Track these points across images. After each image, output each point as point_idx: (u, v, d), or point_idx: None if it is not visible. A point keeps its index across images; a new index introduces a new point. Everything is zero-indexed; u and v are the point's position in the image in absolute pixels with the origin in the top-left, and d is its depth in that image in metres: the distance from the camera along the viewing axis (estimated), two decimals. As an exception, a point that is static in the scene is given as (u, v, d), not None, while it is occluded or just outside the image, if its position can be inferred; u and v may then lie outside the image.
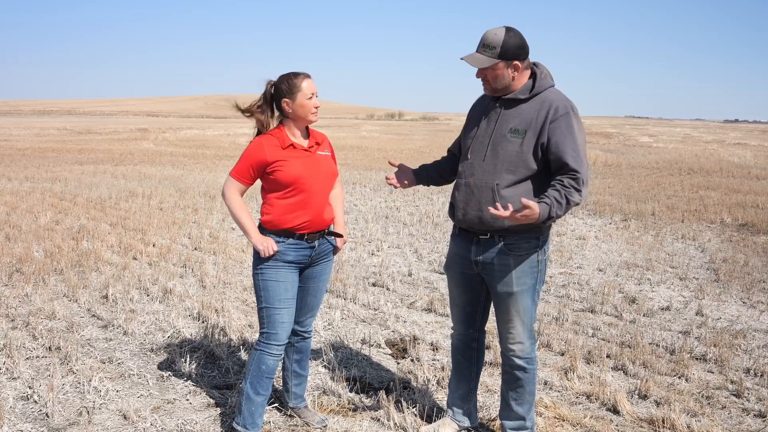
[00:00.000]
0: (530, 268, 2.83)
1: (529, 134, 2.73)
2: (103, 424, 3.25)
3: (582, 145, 2.71)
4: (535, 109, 2.75)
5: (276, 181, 2.93)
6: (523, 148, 2.73)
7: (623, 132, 48.05)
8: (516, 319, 2.87)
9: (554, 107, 2.72)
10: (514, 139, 2.75)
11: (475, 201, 2.81)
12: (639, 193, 12.43)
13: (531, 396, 3.00)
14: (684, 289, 5.97)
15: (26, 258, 6.38)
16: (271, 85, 2.98)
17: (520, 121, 2.76)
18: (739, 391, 3.74)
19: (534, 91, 2.78)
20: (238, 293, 5.54)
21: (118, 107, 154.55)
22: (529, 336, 2.91)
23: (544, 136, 2.71)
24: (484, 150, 2.82)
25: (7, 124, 46.34)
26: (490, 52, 2.72)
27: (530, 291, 2.86)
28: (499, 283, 2.85)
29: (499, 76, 2.75)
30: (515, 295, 2.83)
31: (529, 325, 2.90)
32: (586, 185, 2.66)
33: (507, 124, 2.78)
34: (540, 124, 2.72)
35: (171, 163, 17.63)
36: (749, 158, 22.80)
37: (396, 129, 50.49)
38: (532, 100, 2.78)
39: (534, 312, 2.92)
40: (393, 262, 6.81)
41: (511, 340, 2.91)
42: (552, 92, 2.79)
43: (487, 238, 2.83)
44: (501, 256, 2.81)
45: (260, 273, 2.98)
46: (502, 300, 2.87)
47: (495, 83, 2.78)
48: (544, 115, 2.72)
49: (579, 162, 2.66)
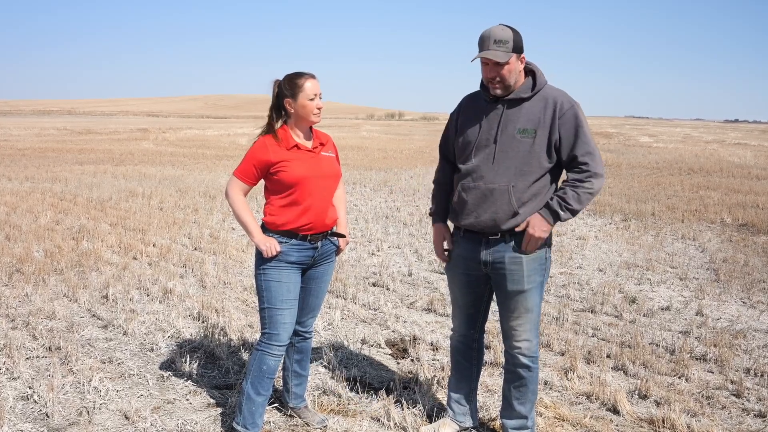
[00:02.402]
0: (539, 265, 2.87)
1: (540, 133, 2.75)
2: (103, 424, 3.25)
3: (591, 137, 2.79)
4: (539, 107, 2.76)
5: (279, 181, 2.93)
6: (535, 147, 2.75)
7: (623, 132, 48.05)
8: (524, 317, 2.89)
9: (559, 103, 2.76)
10: (525, 139, 2.75)
11: (489, 204, 2.79)
12: (639, 193, 12.43)
13: (533, 395, 3.00)
14: (684, 289, 5.97)
15: (26, 258, 6.38)
16: (277, 85, 2.98)
17: (528, 121, 2.76)
18: (739, 391, 3.74)
19: (536, 89, 2.79)
20: (239, 293, 5.54)
21: (118, 107, 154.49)
22: (535, 334, 2.93)
23: (555, 133, 2.74)
24: (492, 152, 2.80)
25: (7, 124, 46.34)
26: (504, 47, 2.71)
27: (539, 288, 2.89)
28: (510, 282, 2.85)
29: (512, 70, 2.76)
30: (526, 292, 2.85)
31: (536, 322, 2.92)
32: (597, 173, 2.75)
33: (514, 125, 2.78)
34: (549, 121, 2.75)
35: (171, 163, 17.63)
36: (749, 158, 22.80)
37: (396, 129, 50.50)
38: (535, 98, 2.79)
39: (540, 309, 2.95)
40: (393, 262, 6.81)
41: (517, 338, 2.92)
42: (551, 89, 2.83)
43: (497, 238, 2.84)
44: (513, 255, 2.83)
45: (262, 273, 2.98)
46: (511, 298, 2.87)
47: (509, 79, 2.75)
48: (552, 113, 2.75)
49: (589, 154, 2.75)
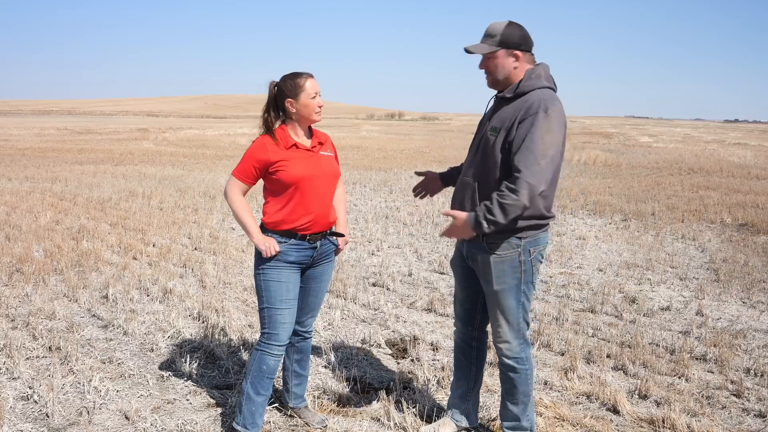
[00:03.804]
0: (511, 268, 2.80)
1: (501, 132, 2.73)
2: (103, 424, 3.25)
3: (542, 146, 2.59)
4: (515, 108, 2.73)
5: (278, 181, 2.93)
6: (494, 146, 2.75)
7: (623, 132, 48.05)
8: (501, 318, 2.88)
9: (527, 106, 2.68)
10: (491, 137, 2.78)
11: (459, 199, 2.88)
12: (639, 193, 12.43)
13: (525, 397, 2.97)
14: (684, 289, 5.97)
15: (26, 258, 6.38)
16: (274, 86, 2.98)
17: (499, 120, 2.77)
18: (739, 391, 3.74)
19: (518, 91, 2.75)
20: (238, 293, 5.54)
21: (118, 107, 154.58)
22: (516, 336, 2.88)
23: (511, 134, 2.68)
24: (474, 149, 2.89)
25: (7, 124, 46.33)
26: (491, 41, 2.75)
27: (513, 291, 2.82)
28: (483, 281, 2.90)
29: (499, 65, 2.76)
30: (497, 293, 2.84)
31: (515, 325, 2.87)
32: (529, 186, 2.55)
33: (491, 123, 2.82)
34: (512, 122, 2.70)
35: (171, 163, 17.62)
36: (749, 158, 22.80)
37: (396, 129, 50.50)
38: (517, 100, 2.76)
39: (520, 313, 2.86)
40: (393, 262, 6.81)
41: (497, 338, 2.93)
42: (537, 93, 2.72)
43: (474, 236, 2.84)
44: (483, 255, 2.83)
45: (262, 273, 2.98)
46: (488, 297, 2.91)
47: (496, 73, 2.78)
48: (518, 114, 2.69)
49: (527, 163, 2.57)
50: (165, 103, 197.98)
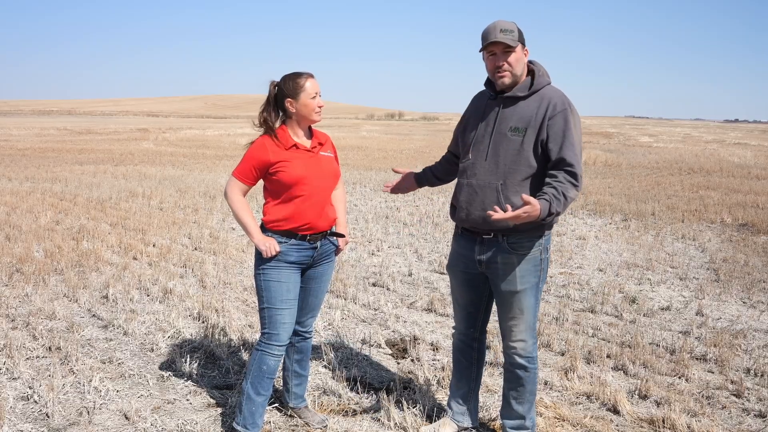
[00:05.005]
0: (533, 266, 2.84)
1: (529, 132, 2.73)
2: (103, 425, 3.25)
3: (578, 142, 2.73)
4: (534, 106, 2.76)
5: (278, 181, 2.93)
6: (523, 146, 2.74)
7: (623, 132, 48.05)
8: (519, 318, 2.88)
9: (552, 104, 2.73)
10: (515, 137, 2.75)
11: (479, 201, 2.81)
12: (639, 193, 12.43)
13: (531, 395, 3.00)
14: (684, 289, 5.97)
15: (26, 258, 6.38)
16: (275, 86, 2.98)
17: (520, 119, 2.76)
18: (739, 391, 3.74)
19: (533, 88, 2.78)
20: (239, 293, 5.54)
21: (118, 107, 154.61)
22: (531, 335, 2.91)
23: (543, 132, 2.72)
24: (486, 150, 2.82)
25: (7, 124, 46.34)
26: (511, 35, 2.71)
27: (533, 289, 2.87)
28: (503, 282, 2.85)
29: (519, 59, 2.76)
30: (519, 293, 2.84)
31: (531, 323, 2.90)
32: (580, 181, 2.69)
33: (507, 123, 2.79)
34: (539, 121, 2.72)
35: (171, 163, 17.62)
36: (749, 158, 22.80)
37: (396, 129, 50.49)
38: (531, 98, 2.78)
39: (536, 310, 2.93)
40: (393, 262, 6.81)
41: (513, 338, 2.92)
42: (550, 89, 2.80)
43: (491, 238, 2.83)
44: (505, 255, 2.82)
45: (262, 273, 2.98)
46: (506, 299, 2.88)
47: (516, 68, 2.75)
48: (543, 112, 2.73)
49: (575, 157, 2.68)
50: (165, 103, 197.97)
